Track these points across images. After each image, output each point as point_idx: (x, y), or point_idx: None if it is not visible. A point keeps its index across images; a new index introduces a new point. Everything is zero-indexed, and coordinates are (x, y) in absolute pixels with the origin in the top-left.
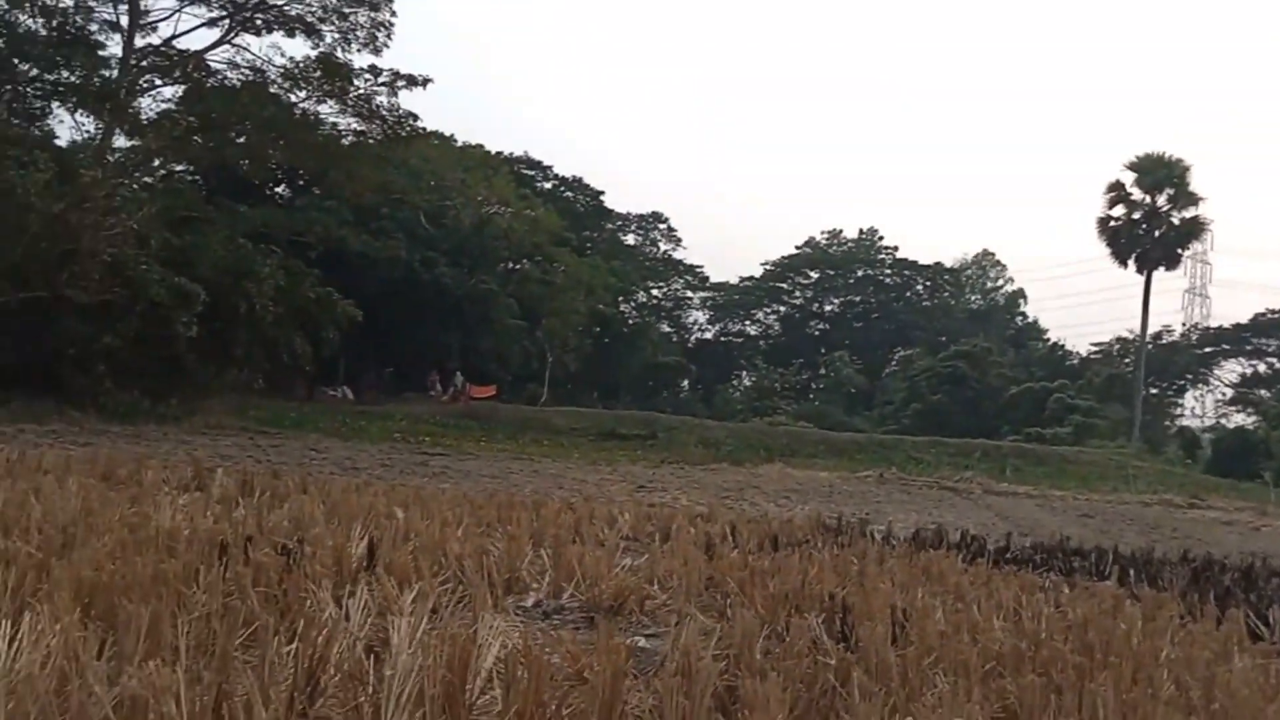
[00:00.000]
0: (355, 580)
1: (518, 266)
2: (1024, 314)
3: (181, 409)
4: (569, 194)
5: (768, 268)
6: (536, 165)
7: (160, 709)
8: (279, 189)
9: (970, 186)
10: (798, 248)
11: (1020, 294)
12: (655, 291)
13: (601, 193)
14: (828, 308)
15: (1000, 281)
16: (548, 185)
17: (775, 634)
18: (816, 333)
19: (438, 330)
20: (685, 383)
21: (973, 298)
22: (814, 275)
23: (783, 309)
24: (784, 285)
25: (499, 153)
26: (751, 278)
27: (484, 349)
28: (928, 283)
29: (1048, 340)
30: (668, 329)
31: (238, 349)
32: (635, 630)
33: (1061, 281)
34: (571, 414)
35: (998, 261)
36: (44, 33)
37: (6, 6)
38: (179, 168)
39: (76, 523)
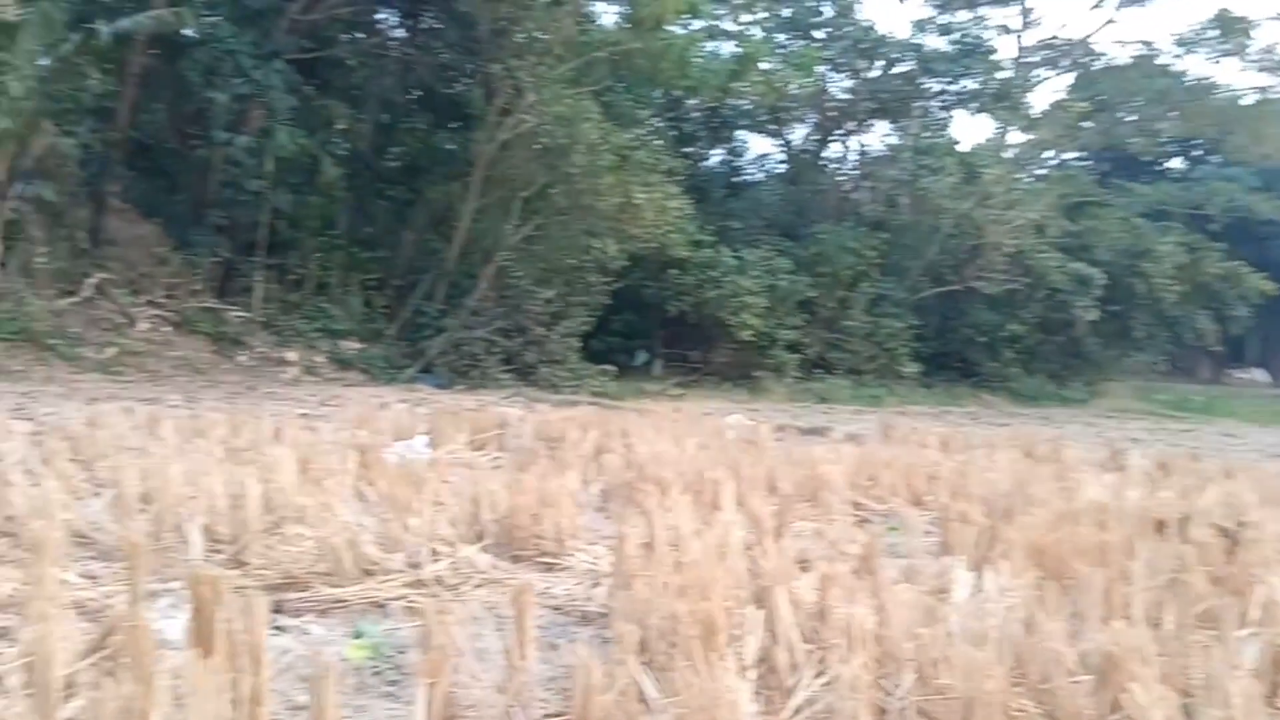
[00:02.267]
0: None
1: None
2: None
3: (1084, 392)
4: None
5: None
6: None
7: (1130, 668)
8: (1172, 162)
9: None
10: None
11: None
12: None
13: None
14: None
15: None
16: None
17: None
18: None
19: None
20: None
21: None
22: None
23: None
24: None
25: None
26: None
27: None
28: None
29: None
30: None
31: (1137, 331)
32: None
33: None
34: None
35: None
36: (945, 49)
37: (913, 32)
38: (1070, 155)
39: (1011, 493)
